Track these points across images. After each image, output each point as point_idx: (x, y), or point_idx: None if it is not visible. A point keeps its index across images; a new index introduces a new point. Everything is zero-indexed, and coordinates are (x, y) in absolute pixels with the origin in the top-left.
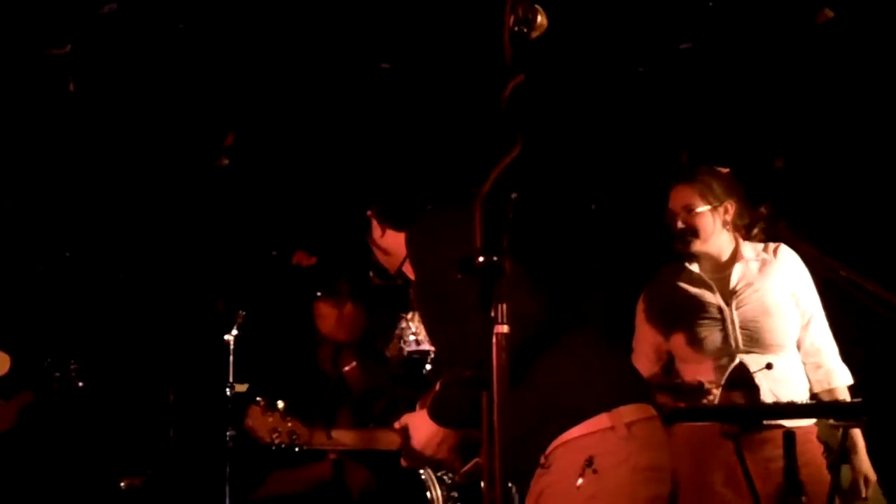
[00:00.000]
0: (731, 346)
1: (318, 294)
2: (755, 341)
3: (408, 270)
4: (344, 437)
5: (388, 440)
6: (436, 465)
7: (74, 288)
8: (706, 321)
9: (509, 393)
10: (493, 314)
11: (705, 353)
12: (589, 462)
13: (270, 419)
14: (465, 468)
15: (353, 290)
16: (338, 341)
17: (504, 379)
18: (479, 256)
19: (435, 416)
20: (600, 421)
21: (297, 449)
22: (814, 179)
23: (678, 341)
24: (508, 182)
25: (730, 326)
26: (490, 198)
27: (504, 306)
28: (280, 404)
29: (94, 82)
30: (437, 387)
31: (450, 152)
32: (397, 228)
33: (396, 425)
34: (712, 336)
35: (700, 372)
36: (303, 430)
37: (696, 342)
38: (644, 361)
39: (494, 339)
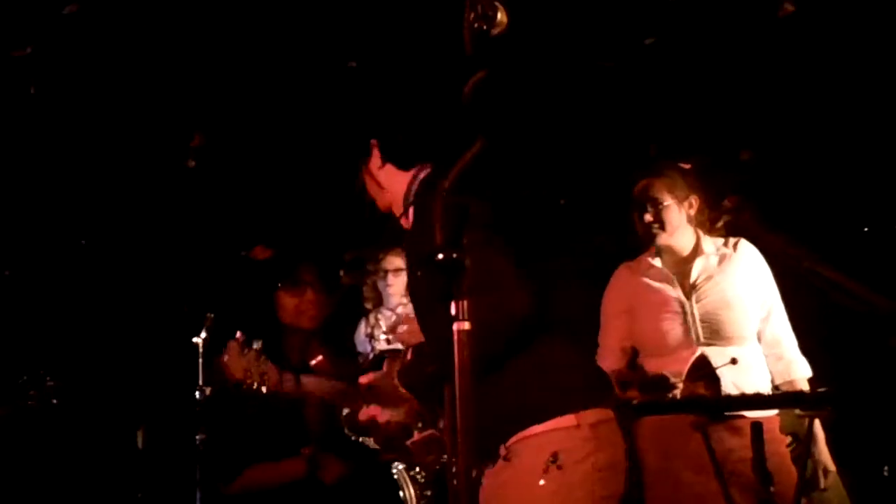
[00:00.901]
0: (692, 338)
1: (279, 285)
2: (716, 333)
3: (397, 210)
4: (313, 384)
5: (355, 395)
6: (405, 455)
7: (39, 295)
8: (668, 315)
9: (476, 386)
10: (453, 312)
11: (668, 347)
12: (554, 458)
13: (245, 358)
14: (418, 438)
15: (315, 280)
16: (301, 329)
17: (466, 377)
18: (439, 252)
19: (403, 382)
20: (566, 419)
21: (263, 390)
22: (781, 171)
23: (642, 335)
24: (473, 178)
25: (690, 320)
26: (452, 193)
27: (465, 303)
28: (256, 345)
29: (55, 83)
30: (409, 355)
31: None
32: (399, 166)
33: (363, 380)
34: (674, 330)
35: (664, 365)
36: (273, 374)
37: (658, 336)
38: (609, 357)
39: (455, 337)
